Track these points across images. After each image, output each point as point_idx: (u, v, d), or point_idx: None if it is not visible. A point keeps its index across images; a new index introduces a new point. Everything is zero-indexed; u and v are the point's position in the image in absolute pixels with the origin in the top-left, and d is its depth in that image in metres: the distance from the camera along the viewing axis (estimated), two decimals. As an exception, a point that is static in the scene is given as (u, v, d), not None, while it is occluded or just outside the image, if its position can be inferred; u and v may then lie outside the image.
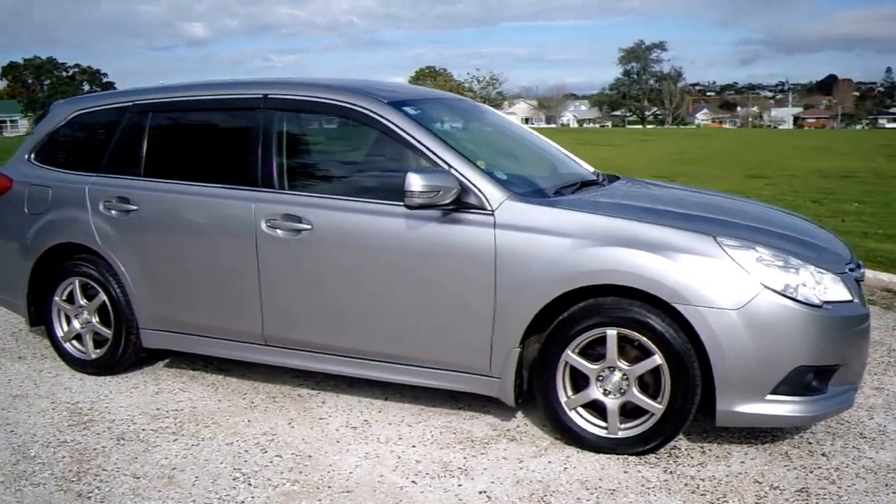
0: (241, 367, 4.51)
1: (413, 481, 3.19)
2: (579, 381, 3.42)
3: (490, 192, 3.48)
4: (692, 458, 3.35)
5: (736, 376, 3.12)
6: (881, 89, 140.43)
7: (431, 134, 3.69)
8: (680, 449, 3.42)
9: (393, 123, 3.71)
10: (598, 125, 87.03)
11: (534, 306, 3.36)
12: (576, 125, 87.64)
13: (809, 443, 3.48)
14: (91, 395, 4.18)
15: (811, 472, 3.20)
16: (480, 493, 3.09)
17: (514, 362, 3.44)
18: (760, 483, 3.12)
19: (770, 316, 3.09)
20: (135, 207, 4.19)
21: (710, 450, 3.42)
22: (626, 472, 3.23)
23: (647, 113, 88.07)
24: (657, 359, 3.23)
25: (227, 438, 3.62)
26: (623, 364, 3.30)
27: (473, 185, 3.49)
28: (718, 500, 3.00)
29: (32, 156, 4.68)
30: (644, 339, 3.24)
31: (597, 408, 3.41)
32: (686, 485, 3.12)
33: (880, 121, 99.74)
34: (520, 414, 3.83)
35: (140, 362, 4.57)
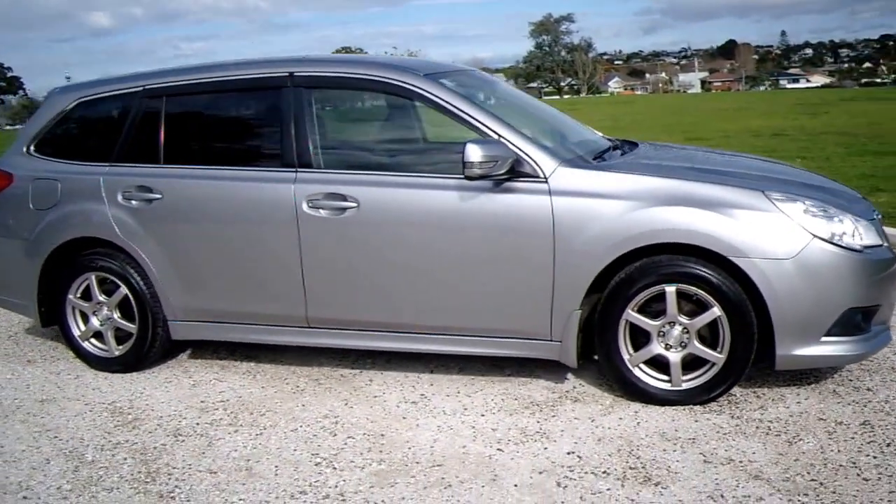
0: (271, 353, 4.44)
1: (499, 449, 3.23)
2: (638, 339, 3.52)
3: (542, 160, 3.52)
4: (751, 403, 3.50)
5: (793, 322, 3.27)
6: (778, 52, 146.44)
7: (476, 105, 3.70)
8: (735, 396, 3.57)
9: (436, 96, 3.70)
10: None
11: (594, 268, 3.44)
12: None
13: (850, 380, 3.69)
14: (125, 394, 4.05)
15: (865, 406, 3.40)
16: (569, 453, 3.16)
17: (576, 325, 3.51)
18: (825, 420, 3.30)
19: (820, 263, 3.25)
20: (158, 196, 4.04)
21: (763, 394, 3.58)
22: (696, 421, 3.36)
23: (562, 83, 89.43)
24: (716, 311, 3.35)
25: (289, 425, 3.57)
26: (683, 318, 3.42)
27: (525, 153, 3.52)
28: (793, 438, 3.15)
29: (32, 148, 4.44)
30: (702, 292, 3.36)
31: (657, 363, 3.52)
32: (757, 427, 3.27)
33: (781, 82, 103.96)
34: (570, 375, 3.91)
35: (163, 356, 4.44)
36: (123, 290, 4.21)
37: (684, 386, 3.47)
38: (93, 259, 4.25)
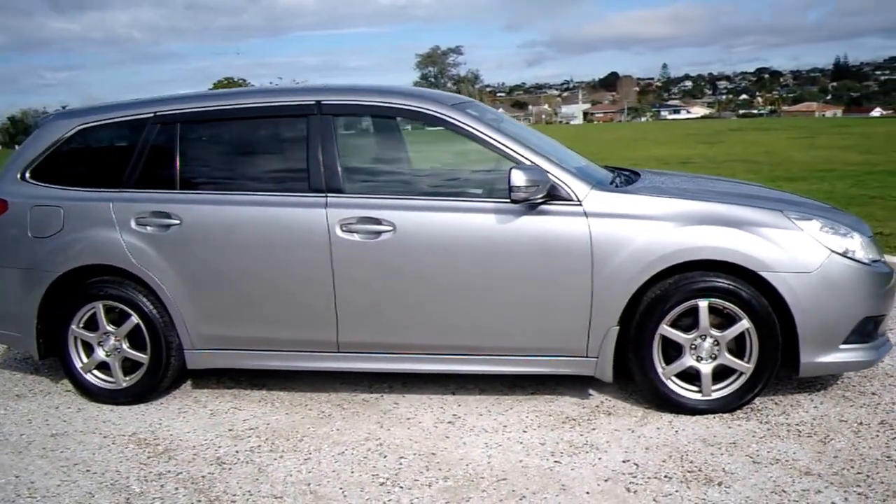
0: (279, 380, 4.38)
1: (556, 461, 3.34)
2: (669, 352, 3.72)
3: (575, 185, 3.70)
4: (773, 409, 3.76)
5: (815, 331, 3.56)
6: (659, 84, 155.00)
7: (505, 133, 3.85)
8: (756, 404, 3.82)
9: (466, 125, 3.82)
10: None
11: (632, 286, 3.63)
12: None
13: (854, 386, 4.02)
14: (142, 425, 3.90)
15: (877, 408, 3.73)
16: (624, 462, 3.31)
17: (613, 341, 3.69)
18: (846, 421, 3.59)
19: (839, 275, 3.57)
20: (176, 222, 3.95)
21: (780, 401, 3.86)
22: (729, 427, 3.59)
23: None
24: (745, 323, 3.61)
25: (333, 449, 3.55)
26: (714, 331, 3.65)
27: (559, 178, 3.69)
28: (825, 439, 3.43)
29: (27, 174, 4.23)
30: (732, 306, 3.61)
31: (685, 374, 3.73)
32: (788, 430, 3.52)
33: (662, 113, 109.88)
34: (592, 391, 4.07)
35: (170, 387, 4.30)
36: (134, 318, 4.06)
37: (714, 395, 3.69)
38: (100, 287, 4.09)
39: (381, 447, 3.55)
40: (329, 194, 3.84)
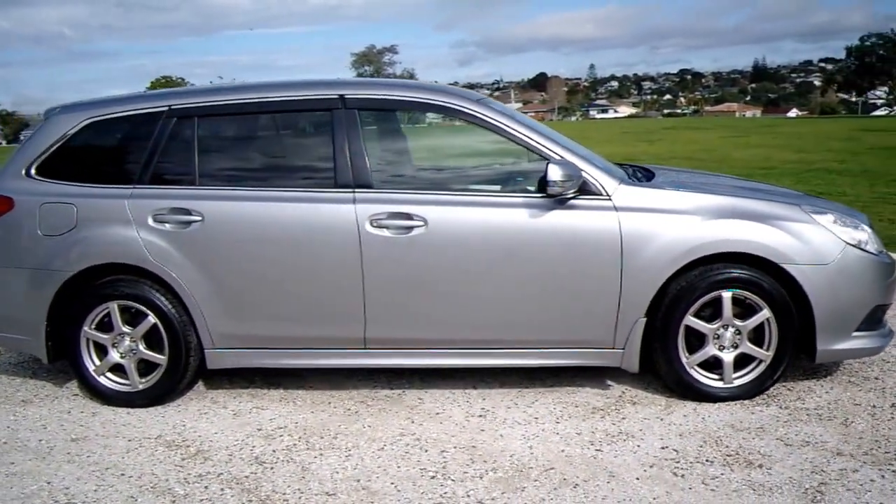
0: (296, 378, 4.35)
1: (597, 450, 3.43)
2: (691, 342, 3.85)
3: (604, 179, 3.80)
4: (788, 395, 3.94)
5: (832, 319, 3.75)
6: (587, 84, 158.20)
7: (534, 129, 3.91)
8: (771, 391, 3.99)
9: (495, 120, 3.87)
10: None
11: (660, 278, 3.74)
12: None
13: (857, 372, 4.24)
14: (165, 428, 3.81)
15: (884, 392, 3.95)
16: (663, 448, 3.42)
17: (640, 332, 3.79)
18: (860, 405, 3.79)
19: (854, 266, 3.77)
20: (198, 218, 3.87)
21: (793, 388, 4.03)
22: (752, 413, 3.74)
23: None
24: (766, 312, 3.77)
25: (371, 445, 3.55)
26: (736, 321, 3.80)
27: (589, 173, 3.78)
28: (846, 421, 3.61)
29: (33, 170, 4.08)
30: (753, 296, 3.76)
31: (706, 363, 3.87)
32: (808, 414, 3.70)
33: (591, 112, 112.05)
34: (610, 381, 4.18)
35: (186, 388, 4.21)
36: (151, 318, 3.97)
37: (735, 383, 3.84)
38: (114, 287, 3.98)
39: (420, 442, 3.57)
40: (357, 189, 3.83)
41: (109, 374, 4.08)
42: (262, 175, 3.98)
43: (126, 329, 4.01)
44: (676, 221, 3.74)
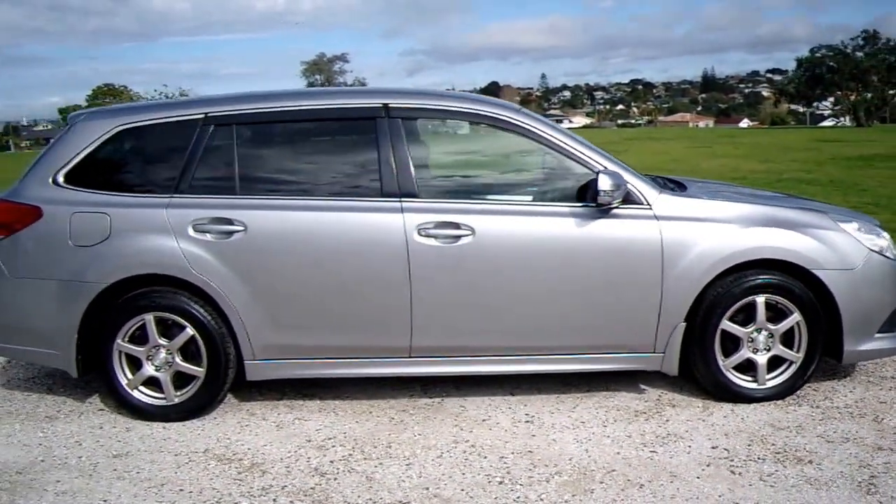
0: (328, 389, 4.33)
1: (652, 451, 3.52)
2: (726, 345, 3.99)
3: (645, 189, 3.92)
4: (815, 396, 4.11)
5: (857, 322, 3.95)
6: (539, 94, 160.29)
7: (576, 139, 4.01)
8: (797, 392, 4.15)
9: (540, 130, 3.95)
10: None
11: (699, 284, 3.87)
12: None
13: (873, 372, 4.44)
14: (209, 441, 3.75)
15: (903, 390, 4.17)
16: (713, 448, 3.54)
17: (680, 337, 3.92)
18: (885, 403, 4.00)
19: (877, 271, 3.97)
20: (240, 228, 3.83)
21: (818, 388, 4.20)
22: (787, 413, 3.90)
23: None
24: (797, 316, 3.94)
25: (428, 454, 3.57)
26: (769, 325, 3.96)
27: (632, 183, 3.89)
28: (877, 418, 3.80)
29: (61, 178, 3.96)
30: (785, 301, 3.93)
31: (739, 366, 4.01)
32: (840, 412, 3.88)
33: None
34: (644, 385, 4.29)
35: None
36: (189, 330, 3.89)
37: (768, 384, 4.00)
38: (150, 298, 3.89)
39: (475, 448, 3.60)
40: (403, 199, 3.85)
41: (142, 388, 3.99)
42: (304, 184, 3.96)
43: (162, 341, 3.93)
44: (714, 230, 3.88)
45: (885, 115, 63.27)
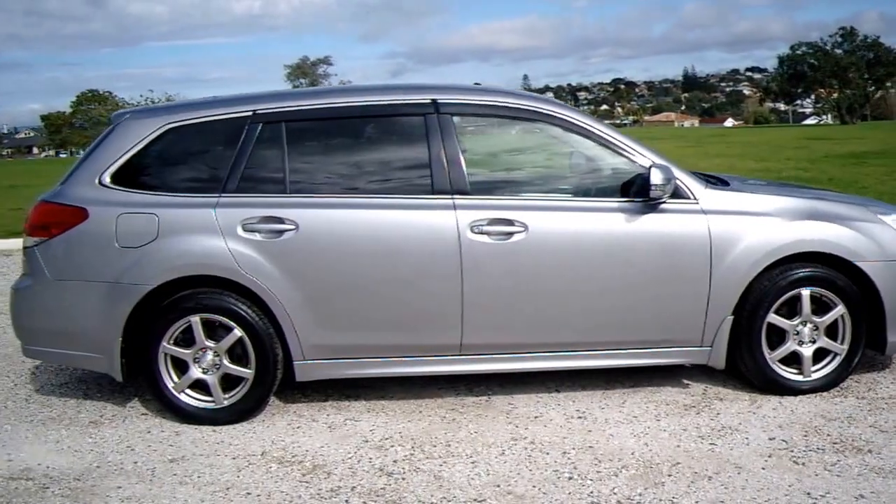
0: (371, 389, 4.31)
1: (711, 443, 3.55)
2: (772, 338, 4.04)
3: (692, 184, 3.96)
4: (858, 387, 4.17)
5: (898, 313, 4.02)
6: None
7: (625, 135, 4.04)
8: (840, 384, 4.20)
9: (591, 127, 3.98)
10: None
11: (746, 278, 3.92)
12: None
13: (901, 364, 4.55)
14: (265, 444, 3.70)
15: (940, 380, 4.26)
16: (771, 440, 3.58)
17: (728, 330, 3.96)
18: (928, 392, 4.09)
19: None
20: (290, 227, 3.79)
21: (860, 380, 4.25)
22: (835, 404, 3.96)
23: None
24: (841, 308, 4.00)
25: (490, 451, 3.56)
26: (815, 317, 4.02)
27: (679, 178, 3.93)
28: (923, 407, 3.89)
29: (107, 179, 3.89)
30: (829, 293, 3.99)
31: (784, 358, 4.06)
32: (886, 403, 3.95)
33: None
34: (687, 380, 4.33)
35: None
36: (237, 331, 3.84)
37: (813, 376, 4.06)
38: (196, 299, 3.84)
39: (535, 445, 3.61)
40: (455, 196, 3.84)
41: (188, 391, 3.93)
42: (354, 181, 3.93)
43: (210, 343, 3.87)
44: (761, 223, 3.93)
45: (866, 112, 64.36)
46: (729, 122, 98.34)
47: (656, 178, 3.75)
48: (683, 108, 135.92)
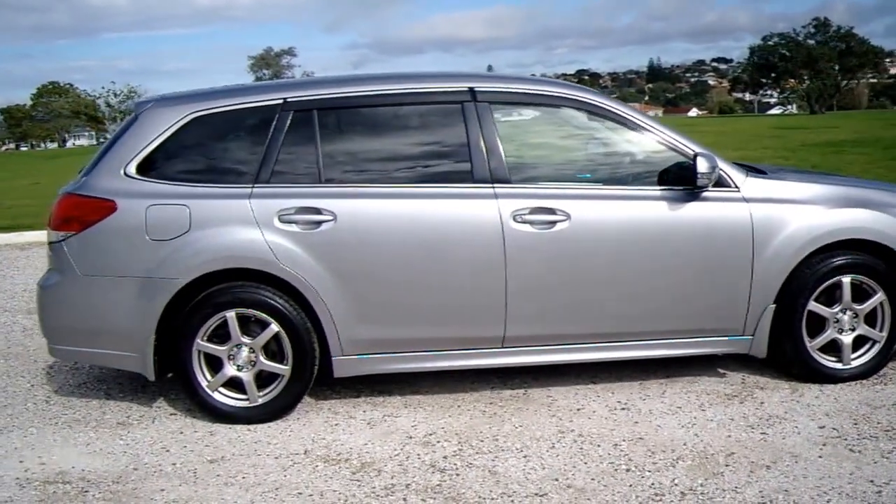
0: (404, 384, 4.21)
1: (762, 433, 3.52)
2: (812, 326, 4.02)
3: (732, 172, 3.92)
4: (889, 377, 4.17)
5: (936, 300, 4.02)
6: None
7: (663, 124, 3.98)
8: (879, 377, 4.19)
9: (631, 116, 3.93)
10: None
11: (788, 266, 3.89)
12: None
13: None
14: (305, 442, 3.60)
15: (972, 366, 4.27)
16: (821, 427, 3.55)
17: (770, 319, 3.93)
18: (958, 379, 4.09)
19: None
20: (328, 217, 3.68)
21: (893, 367, 4.26)
22: (876, 391, 3.95)
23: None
24: (881, 296, 3.99)
25: (541, 445, 3.49)
26: (854, 305, 4.00)
27: (721, 166, 3.88)
28: (961, 393, 3.89)
29: (132, 169, 3.74)
30: (869, 280, 3.97)
31: (824, 346, 4.04)
32: (925, 389, 3.96)
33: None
34: (722, 370, 4.29)
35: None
36: (274, 326, 3.73)
37: (853, 364, 4.04)
38: (231, 293, 3.71)
39: (584, 438, 3.55)
40: (496, 184, 3.76)
41: (222, 390, 3.80)
42: (391, 171, 3.83)
43: (246, 339, 3.75)
44: (802, 211, 3.90)
45: (833, 102, 65.31)
46: (693, 112, 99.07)
47: (703, 166, 3.70)
48: (647, 98, 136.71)
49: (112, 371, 4.53)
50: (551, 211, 3.75)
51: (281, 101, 3.81)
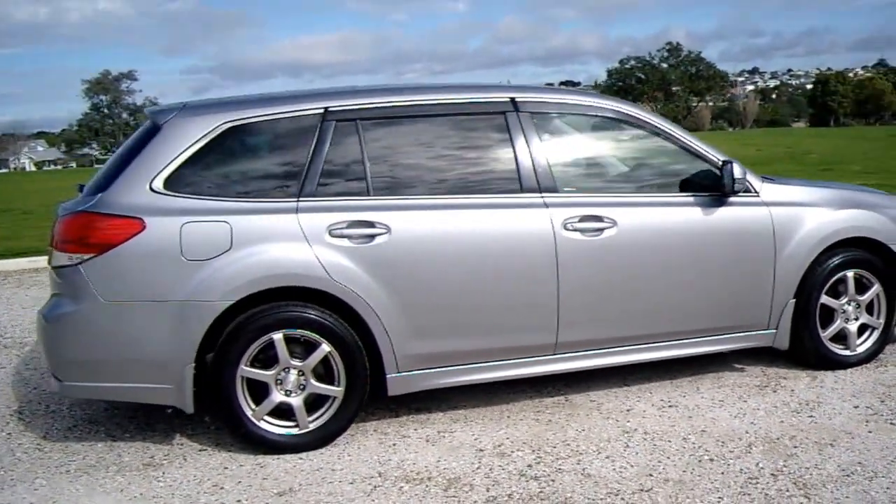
0: (437, 400, 4.09)
1: (810, 416, 3.72)
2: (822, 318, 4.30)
3: (753, 179, 4.15)
4: (891, 358, 4.49)
5: (925, 291, 4.42)
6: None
7: (690, 134, 4.17)
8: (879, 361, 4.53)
9: (665, 127, 4.09)
10: (61, 167, 79.64)
11: (804, 263, 4.16)
12: (34, 168, 78.89)
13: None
14: (374, 466, 3.41)
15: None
16: (856, 408, 3.80)
17: (791, 313, 4.17)
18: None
19: None
20: (382, 231, 3.54)
21: (886, 352, 4.62)
22: (883, 374, 4.26)
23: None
24: (878, 287, 4.35)
25: (614, 447, 3.49)
26: (858, 296, 4.32)
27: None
28: (963, 372, 4.28)
29: (160, 184, 3.43)
30: (868, 274, 4.32)
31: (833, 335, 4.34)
32: (926, 376, 4.32)
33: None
34: (736, 365, 4.49)
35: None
36: (325, 346, 3.52)
37: (858, 350, 4.36)
38: (278, 314, 3.48)
39: (650, 435, 3.59)
40: (545, 194, 3.77)
41: (267, 418, 3.54)
42: (439, 182, 3.74)
43: (294, 362, 3.51)
44: (813, 212, 4.20)
45: (682, 124, 69.93)
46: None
47: (738, 172, 3.91)
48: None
49: (100, 410, 4.11)
50: (599, 218, 3.80)
51: (322, 111, 3.65)
